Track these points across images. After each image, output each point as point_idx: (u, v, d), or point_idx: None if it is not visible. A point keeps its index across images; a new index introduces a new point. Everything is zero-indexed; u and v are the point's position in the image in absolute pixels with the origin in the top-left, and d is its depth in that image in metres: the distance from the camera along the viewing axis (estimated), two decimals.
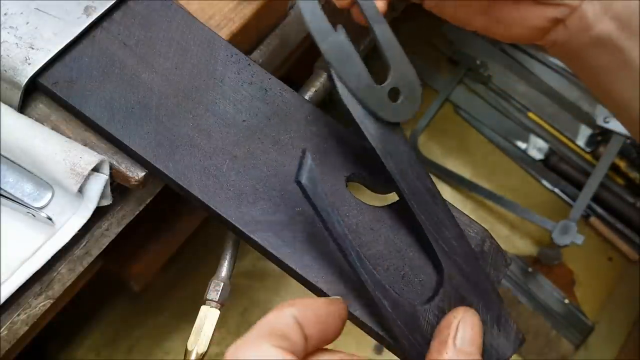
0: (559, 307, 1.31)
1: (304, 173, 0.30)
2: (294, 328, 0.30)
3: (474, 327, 0.32)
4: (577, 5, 0.38)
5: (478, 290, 0.34)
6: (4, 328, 0.36)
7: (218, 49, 0.39)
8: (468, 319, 0.32)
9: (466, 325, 0.32)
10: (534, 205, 1.38)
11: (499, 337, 0.34)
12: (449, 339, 0.32)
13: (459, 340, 0.32)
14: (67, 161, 0.35)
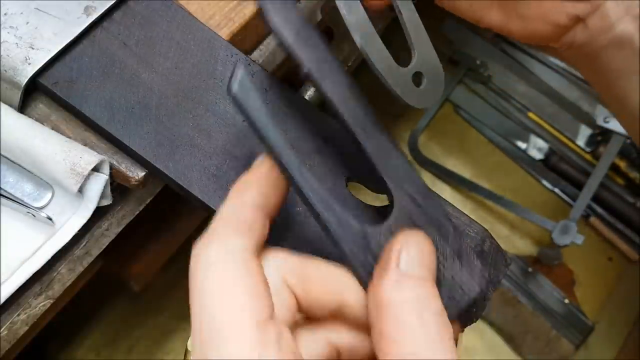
0: (559, 307, 1.31)
1: (235, 83, 0.27)
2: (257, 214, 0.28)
3: (422, 247, 0.29)
4: (600, 4, 0.37)
5: (434, 222, 0.32)
6: (4, 328, 0.36)
7: (218, 49, 0.39)
8: (413, 239, 0.29)
9: (411, 246, 0.28)
10: (534, 205, 1.38)
11: (461, 272, 0.32)
12: (391, 262, 0.28)
13: (403, 263, 0.28)
14: (67, 161, 0.35)
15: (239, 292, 0.25)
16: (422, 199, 0.32)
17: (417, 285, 0.27)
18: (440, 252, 0.32)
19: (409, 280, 0.27)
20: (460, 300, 0.32)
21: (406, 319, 0.26)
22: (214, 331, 0.25)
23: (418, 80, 0.31)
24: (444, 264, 0.32)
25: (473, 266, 0.33)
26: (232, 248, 0.26)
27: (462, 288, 0.32)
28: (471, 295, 0.32)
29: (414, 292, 0.27)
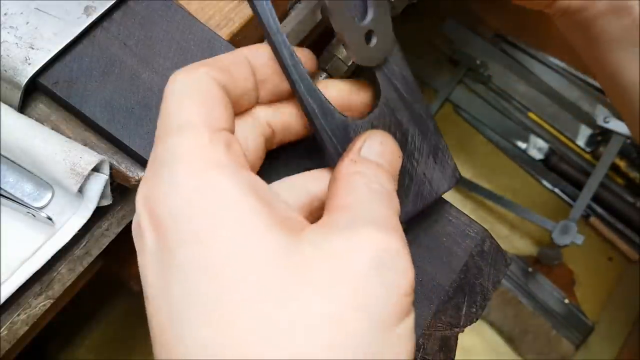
0: (559, 307, 1.31)
1: None
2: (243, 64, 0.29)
3: (385, 143, 0.30)
4: None
5: (416, 118, 0.33)
6: (4, 328, 0.36)
7: (218, 49, 0.39)
8: (378, 134, 0.30)
9: (374, 139, 0.30)
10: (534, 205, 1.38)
11: (434, 170, 0.34)
12: (354, 146, 0.29)
13: (364, 149, 0.29)
14: (67, 161, 0.35)
15: (197, 101, 0.26)
16: (408, 93, 0.33)
17: (372, 167, 0.28)
18: (417, 147, 0.33)
19: (364, 162, 0.29)
20: (427, 195, 0.34)
21: (355, 185, 0.27)
22: (168, 126, 0.26)
23: (369, 37, 0.32)
24: (418, 160, 0.33)
25: (447, 165, 0.34)
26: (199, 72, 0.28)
27: (431, 185, 0.34)
28: (439, 192, 0.34)
29: (368, 170, 0.28)
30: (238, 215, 0.23)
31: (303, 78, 0.31)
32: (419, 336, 0.34)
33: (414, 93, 0.33)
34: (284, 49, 0.30)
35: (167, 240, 0.24)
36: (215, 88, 0.27)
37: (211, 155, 0.25)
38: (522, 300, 1.30)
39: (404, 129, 0.33)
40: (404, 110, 0.33)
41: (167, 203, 0.24)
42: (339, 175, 0.28)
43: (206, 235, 0.23)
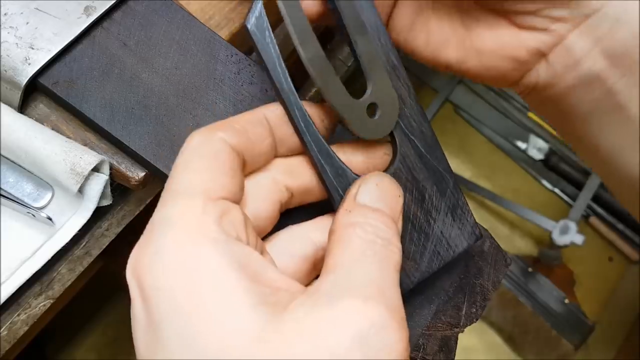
0: (559, 307, 1.31)
1: (252, 18, 0.29)
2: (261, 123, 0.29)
3: (381, 184, 0.29)
4: (563, 35, 0.32)
5: (434, 175, 0.32)
6: (4, 328, 0.36)
7: (218, 49, 0.39)
8: (372, 177, 0.29)
9: (369, 182, 0.29)
10: (534, 205, 1.38)
11: (452, 228, 0.33)
12: (349, 194, 0.29)
13: (360, 195, 0.28)
14: (67, 161, 0.35)
15: (201, 167, 0.26)
16: (427, 149, 0.32)
17: (368, 215, 0.27)
18: (434, 206, 0.32)
19: (360, 209, 0.28)
20: (445, 254, 0.33)
21: (348, 240, 0.26)
22: (170, 190, 0.26)
23: (372, 111, 0.31)
24: (436, 219, 0.32)
25: (466, 222, 0.33)
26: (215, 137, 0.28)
27: (449, 243, 0.33)
28: (456, 251, 0.33)
29: (363, 218, 0.27)
30: (220, 292, 0.23)
31: (315, 139, 0.30)
32: (419, 336, 0.34)
33: (433, 149, 0.33)
34: (295, 110, 0.30)
35: (152, 312, 0.24)
36: (226, 154, 0.27)
37: (201, 226, 0.24)
38: (522, 300, 1.30)
39: (421, 187, 0.32)
40: (422, 168, 0.32)
41: (152, 273, 0.24)
42: (334, 227, 0.28)
43: (189, 311, 0.23)
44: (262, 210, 0.29)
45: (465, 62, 0.36)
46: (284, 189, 0.30)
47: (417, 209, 0.32)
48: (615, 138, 0.35)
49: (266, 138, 0.29)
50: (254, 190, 0.29)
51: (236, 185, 0.27)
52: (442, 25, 0.36)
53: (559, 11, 0.32)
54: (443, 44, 0.36)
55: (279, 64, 0.30)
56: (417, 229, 0.32)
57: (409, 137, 0.32)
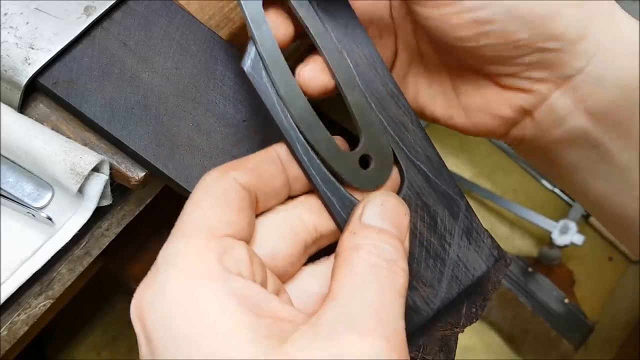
0: (559, 307, 1.31)
1: (248, 61, 0.29)
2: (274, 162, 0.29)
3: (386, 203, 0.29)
4: (546, 95, 0.33)
5: (444, 199, 0.32)
6: (4, 328, 0.36)
7: (218, 49, 0.39)
8: (377, 197, 0.29)
9: (374, 202, 0.29)
10: (534, 205, 1.38)
11: (468, 251, 0.32)
12: (353, 215, 0.29)
13: (365, 216, 0.28)
14: (67, 161, 0.35)
15: (208, 204, 0.27)
16: (435, 174, 0.32)
17: (373, 236, 0.27)
18: (447, 230, 0.32)
19: (365, 229, 0.28)
20: (463, 279, 0.32)
21: (352, 264, 0.26)
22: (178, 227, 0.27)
23: (365, 162, 0.31)
24: (450, 243, 0.32)
25: (482, 244, 0.33)
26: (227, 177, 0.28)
27: (467, 267, 0.32)
28: (475, 275, 0.32)
29: (368, 240, 0.27)
30: (219, 329, 0.23)
31: (319, 172, 0.30)
32: (419, 336, 0.34)
33: (440, 172, 0.32)
34: (297, 146, 0.30)
35: (154, 349, 0.24)
36: (235, 191, 0.27)
37: (202, 264, 0.25)
38: (522, 300, 1.30)
39: (432, 211, 0.32)
40: (431, 192, 0.32)
41: (154, 311, 0.25)
42: (339, 249, 0.28)
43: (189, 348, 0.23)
44: (281, 250, 0.29)
45: (452, 118, 0.37)
46: (312, 229, 0.30)
47: (430, 234, 0.32)
48: (603, 184, 0.35)
49: (278, 175, 0.30)
50: (274, 229, 0.29)
51: (243, 222, 0.27)
52: (430, 82, 0.37)
53: (539, 73, 0.32)
54: (431, 100, 0.37)
55: (278, 103, 0.30)
56: (432, 255, 0.31)
57: (415, 162, 0.32)
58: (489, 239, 0.33)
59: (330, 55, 0.31)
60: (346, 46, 0.31)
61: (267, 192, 0.29)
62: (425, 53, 0.37)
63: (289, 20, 0.31)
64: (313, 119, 0.30)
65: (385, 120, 0.32)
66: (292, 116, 0.30)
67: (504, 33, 0.31)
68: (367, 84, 0.31)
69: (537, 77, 0.32)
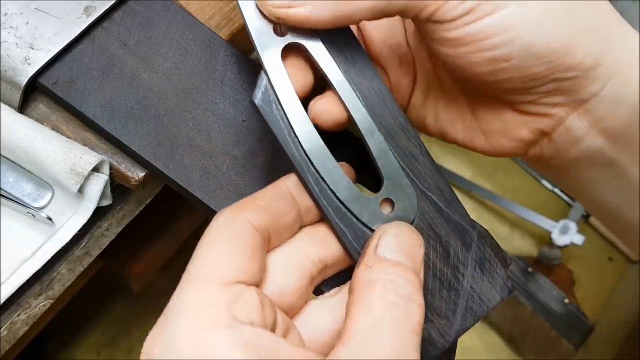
0: (559, 307, 1.31)
1: (259, 93, 0.30)
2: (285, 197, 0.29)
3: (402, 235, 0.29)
4: (563, 118, 0.34)
5: (456, 229, 0.32)
6: (4, 328, 0.36)
7: (218, 49, 0.39)
8: (392, 228, 0.29)
9: (389, 233, 0.29)
10: (534, 205, 1.38)
11: (482, 282, 0.32)
12: (368, 247, 0.29)
13: (380, 248, 0.28)
14: (67, 161, 0.35)
15: (219, 250, 0.27)
16: (446, 205, 0.32)
17: (389, 271, 0.27)
18: (460, 260, 0.32)
19: (380, 263, 0.28)
20: (478, 311, 0.32)
21: (368, 301, 0.26)
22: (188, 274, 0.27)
23: (388, 206, 0.31)
24: (464, 274, 0.32)
25: (496, 275, 0.33)
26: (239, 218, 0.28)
27: (481, 298, 0.32)
28: (490, 306, 0.32)
29: (384, 275, 0.27)
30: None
31: (330, 203, 0.30)
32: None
33: (452, 203, 0.33)
34: (309, 177, 0.30)
35: None
36: (247, 234, 0.27)
37: (212, 314, 0.25)
38: (522, 300, 1.30)
39: (444, 242, 0.32)
40: (443, 223, 0.32)
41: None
42: (355, 284, 0.28)
43: None
44: (290, 286, 0.29)
45: (472, 141, 0.37)
46: (317, 260, 0.30)
47: (444, 265, 0.32)
48: (617, 198, 0.36)
49: (291, 210, 0.30)
50: (282, 264, 0.29)
51: (255, 267, 0.27)
52: (449, 107, 0.37)
53: (556, 98, 0.33)
54: (450, 124, 0.37)
55: (289, 134, 0.30)
56: (446, 286, 0.31)
57: (426, 193, 0.32)
58: (502, 270, 0.33)
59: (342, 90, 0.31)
60: (355, 81, 0.32)
61: (280, 229, 0.29)
62: (443, 79, 0.37)
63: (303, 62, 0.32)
64: (325, 153, 0.31)
65: (395, 152, 0.32)
66: (304, 149, 0.30)
67: (521, 68, 0.31)
68: (377, 117, 0.32)
69: (554, 102, 0.33)
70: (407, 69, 0.38)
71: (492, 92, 0.34)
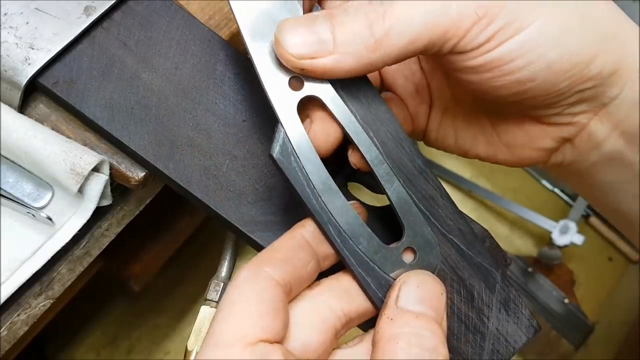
0: (559, 307, 1.31)
1: (277, 147, 0.30)
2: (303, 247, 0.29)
3: (423, 285, 0.29)
4: (585, 124, 0.34)
5: (479, 271, 0.32)
6: (4, 328, 0.36)
7: (218, 49, 0.39)
8: (413, 277, 0.29)
9: (410, 283, 0.29)
10: (534, 205, 1.38)
11: (507, 323, 0.32)
12: (389, 299, 0.29)
13: (401, 300, 0.28)
14: (67, 161, 0.35)
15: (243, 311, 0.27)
16: (468, 247, 0.32)
17: (411, 323, 0.27)
18: (485, 303, 0.32)
19: (403, 315, 0.28)
20: (505, 353, 0.32)
21: (393, 353, 0.26)
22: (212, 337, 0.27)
23: (409, 255, 0.31)
24: (489, 316, 0.32)
25: (521, 315, 0.33)
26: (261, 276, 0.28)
27: (507, 340, 0.32)
28: (516, 347, 0.32)
29: (407, 328, 0.27)
30: None
31: (353, 254, 0.30)
32: None
33: (474, 245, 0.32)
34: (330, 228, 0.30)
35: None
36: (270, 292, 0.28)
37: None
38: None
39: (468, 285, 0.32)
40: (465, 265, 0.32)
41: None
42: (377, 337, 0.28)
43: None
44: (314, 341, 0.29)
45: (495, 156, 0.37)
46: (341, 314, 0.30)
47: (468, 308, 0.32)
48: (635, 204, 0.36)
49: (310, 261, 0.30)
50: (306, 319, 0.29)
51: (278, 323, 0.27)
52: (469, 126, 0.37)
53: (578, 107, 0.33)
54: (472, 141, 0.37)
55: (308, 186, 0.30)
56: (471, 330, 0.31)
57: (447, 236, 0.32)
58: (527, 310, 0.33)
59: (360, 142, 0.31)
60: (372, 126, 0.32)
61: (301, 279, 0.29)
62: (461, 100, 0.37)
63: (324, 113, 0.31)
64: (345, 205, 0.31)
65: (415, 196, 0.32)
66: (324, 200, 0.30)
67: (545, 87, 0.31)
68: (395, 163, 0.32)
69: (577, 111, 0.33)
70: (423, 95, 0.38)
71: (515, 110, 0.34)
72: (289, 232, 0.31)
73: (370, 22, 0.29)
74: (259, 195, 0.36)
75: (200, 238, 1.03)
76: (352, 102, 0.31)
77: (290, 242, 0.30)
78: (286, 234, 0.31)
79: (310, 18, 0.29)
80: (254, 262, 0.29)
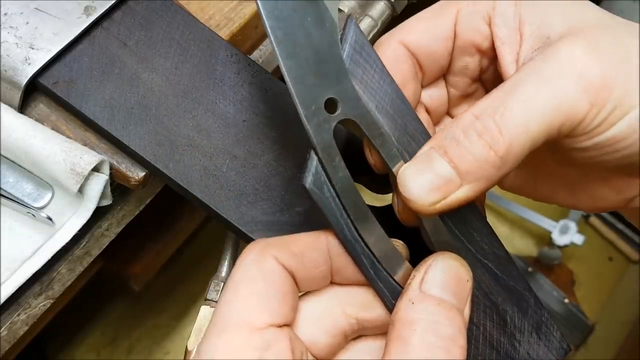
0: (559, 307, 1.31)
1: (309, 176, 0.29)
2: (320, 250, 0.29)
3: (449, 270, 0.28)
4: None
5: (512, 296, 0.32)
6: (4, 328, 0.36)
7: (218, 49, 0.39)
8: (439, 262, 0.28)
9: (436, 268, 0.28)
10: (534, 205, 1.38)
11: (538, 346, 0.32)
12: (413, 281, 0.28)
13: (426, 283, 0.28)
14: (67, 161, 0.35)
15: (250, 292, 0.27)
16: (502, 271, 0.32)
17: (432, 309, 0.27)
18: (517, 327, 0.32)
19: (424, 300, 0.27)
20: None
21: (407, 341, 0.26)
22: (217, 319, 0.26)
23: None
24: (520, 341, 0.32)
25: (552, 337, 0.32)
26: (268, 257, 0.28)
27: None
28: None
29: (426, 314, 0.27)
30: None
31: (387, 285, 0.30)
32: None
33: (508, 269, 0.32)
34: (363, 259, 0.30)
35: None
36: (277, 275, 0.27)
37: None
38: None
39: (501, 310, 0.32)
40: (499, 290, 0.32)
41: None
42: (395, 318, 0.27)
43: None
44: (321, 340, 0.29)
45: (575, 205, 0.36)
46: (354, 321, 0.30)
47: (500, 334, 0.31)
48: None
49: (321, 265, 0.29)
50: (319, 319, 0.29)
51: (286, 308, 0.27)
52: (551, 178, 0.36)
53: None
54: (552, 191, 0.37)
55: (341, 216, 0.29)
56: (502, 356, 0.31)
57: (482, 261, 0.31)
58: (558, 332, 0.32)
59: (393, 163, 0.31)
60: (407, 148, 0.31)
61: (306, 279, 0.29)
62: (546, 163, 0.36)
63: None
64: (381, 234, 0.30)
65: (451, 221, 0.31)
66: (358, 231, 0.30)
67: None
68: None
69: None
70: None
71: (608, 172, 0.34)
72: (315, 231, 0.30)
73: (488, 142, 0.28)
74: (259, 195, 0.36)
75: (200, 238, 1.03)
76: (389, 125, 0.31)
77: (309, 239, 0.29)
78: (310, 232, 0.30)
79: (426, 160, 0.28)
80: (260, 242, 0.28)
